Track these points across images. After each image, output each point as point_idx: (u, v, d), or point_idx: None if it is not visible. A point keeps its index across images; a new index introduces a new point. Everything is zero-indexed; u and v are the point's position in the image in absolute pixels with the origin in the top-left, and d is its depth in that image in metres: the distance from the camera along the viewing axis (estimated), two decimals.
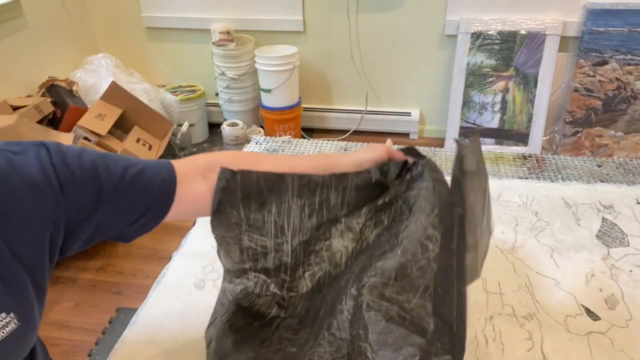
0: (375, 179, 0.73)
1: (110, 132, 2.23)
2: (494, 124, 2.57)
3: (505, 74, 2.48)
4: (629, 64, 2.35)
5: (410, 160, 0.76)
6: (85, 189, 0.55)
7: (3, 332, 0.50)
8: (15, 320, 0.51)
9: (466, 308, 0.57)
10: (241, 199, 0.68)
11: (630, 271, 0.89)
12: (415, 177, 0.73)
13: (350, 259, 0.71)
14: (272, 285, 0.71)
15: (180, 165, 0.66)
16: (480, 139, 2.62)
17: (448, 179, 0.66)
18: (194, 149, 2.79)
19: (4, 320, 0.50)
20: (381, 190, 0.74)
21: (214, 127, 2.93)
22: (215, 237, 0.70)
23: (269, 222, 0.70)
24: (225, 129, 2.62)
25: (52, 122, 2.20)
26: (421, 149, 1.30)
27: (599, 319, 0.80)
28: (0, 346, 0.50)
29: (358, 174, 0.73)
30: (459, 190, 0.61)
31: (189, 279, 0.90)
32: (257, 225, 0.70)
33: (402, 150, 0.78)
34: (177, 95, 2.71)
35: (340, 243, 0.72)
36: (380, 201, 0.73)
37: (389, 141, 0.84)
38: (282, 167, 0.71)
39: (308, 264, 0.72)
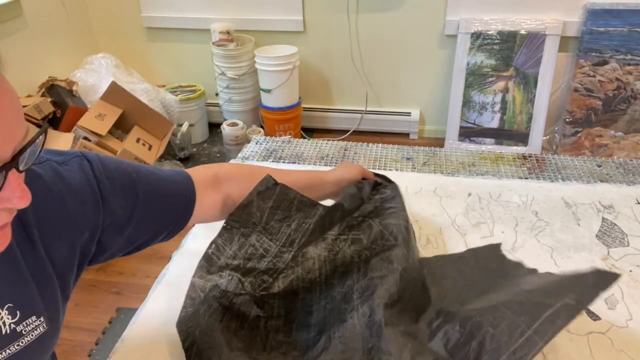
0: (350, 193, 0.84)
1: (110, 132, 2.23)
2: (494, 124, 2.57)
3: (505, 74, 2.48)
4: (629, 64, 2.35)
5: (379, 180, 0.90)
6: (123, 202, 0.58)
7: (32, 336, 0.51)
8: (44, 325, 0.52)
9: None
10: (270, 207, 0.76)
11: (630, 271, 0.89)
12: (385, 199, 0.86)
13: (324, 266, 0.77)
14: (247, 284, 0.73)
15: (195, 177, 0.70)
16: (481, 138, 2.64)
17: (450, 179, 0.68)
18: (194, 149, 2.79)
19: (33, 323, 0.51)
20: (354, 206, 0.84)
21: (214, 127, 2.93)
22: (224, 226, 0.75)
23: (284, 233, 0.77)
24: (225, 129, 2.62)
25: (52, 122, 2.20)
26: (421, 149, 1.30)
27: (599, 319, 0.80)
28: (27, 349, 0.51)
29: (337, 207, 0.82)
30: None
31: (188, 279, 0.90)
32: (271, 232, 0.76)
33: (374, 173, 0.92)
34: (177, 95, 2.71)
35: (315, 251, 0.78)
36: (355, 215, 0.83)
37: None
38: (284, 180, 0.78)
39: (285, 266, 0.76)
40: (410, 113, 2.79)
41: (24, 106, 2.07)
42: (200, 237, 1.01)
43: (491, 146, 2.59)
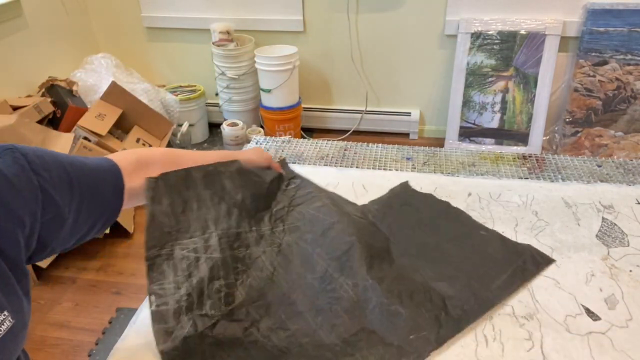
0: (270, 179, 0.90)
1: (110, 132, 2.23)
2: (494, 124, 2.57)
3: (505, 74, 2.48)
4: (629, 64, 2.35)
5: (283, 172, 0.97)
6: (62, 195, 0.58)
7: (0, 330, 0.51)
8: (10, 318, 0.52)
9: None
10: (168, 205, 0.74)
11: (630, 271, 0.89)
12: (299, 186, 0.94)
13: (274, 259, 0.81)
14: (208, 308, 0.71)
15: (119, 162, 0.69)
16: (481, 138, 2.64)
17: (450, 179, 0.69)
18: (194, 149, 2.79)
19: None
20: (268, 197, 0.89)
21: (214, 127, 2.93)
22: (147, 265, 0.72)
23: (193, 219, 0.76)
24: (225, 129, 2.62)
25: (52, 122, 2.20)
26: (421, 149, 1.30)
27: (599, 319, 0.80)
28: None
29: (234, 163, 0.85)
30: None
31: None
32: (185, 228, 0.75)
33: (279, 162, 0.99)
34: (177, 95, 2.71)
35: (259, 250, 0.80)
36: (276, 208, 0.88)
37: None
38: (197, 162, 0.80)
39: (236, 273, 0.76)
40: (410, 113, 2.79)
41: (23, 106, 2.07)
42: None
43: (491, 146, 2.59)
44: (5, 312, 0.52)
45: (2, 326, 0.51)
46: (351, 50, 2.67)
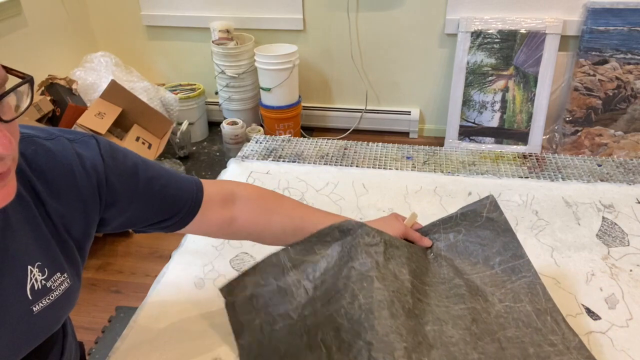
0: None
1: (109, 131, 2.23)
2: (494, 123, 2.56)
3: (505, 73, 2.48)
4: (629, 63, 2.35)
5: (428, 244, 0.82)
6: (125, 184, 0.62)
7: (59, 291, 0.57)
8: (68, 280, 0.58)
9: None
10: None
11: (631, 270, 0.89)
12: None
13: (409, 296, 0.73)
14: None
15: (208, 186, 0.72)
16: (480, 137, 2.63)
17: (450, 178, 0.67)
18: (194, 148, 2.79)
19: (59, 279, 0.57)
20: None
21: (213, 126, 2.93)
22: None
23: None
24: (225, 127, 2.62)
25: (52, 120, 2.20)
26: (421, 148, 1.30)
27: (599, 318, 0.80)
28: (56, 303, 0.56)
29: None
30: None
31: (188, 278, 0.90)
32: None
33: (420, 230, 0.83)
34: (176, 94, 2.71)
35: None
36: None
37: (410, 217, 0.84)
38: (294, 213, 0.76)
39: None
40: (410, 112, 2.78)
41: None
42: (200, 237, 1.00)
43: (491, 145, 2.59)
44: (65, 274, 0.57)
45: (62, 286, 0.57)
46: (351, 49, 2.67)
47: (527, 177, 1.17)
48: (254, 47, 2.58)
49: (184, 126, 2.65)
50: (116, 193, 0.61)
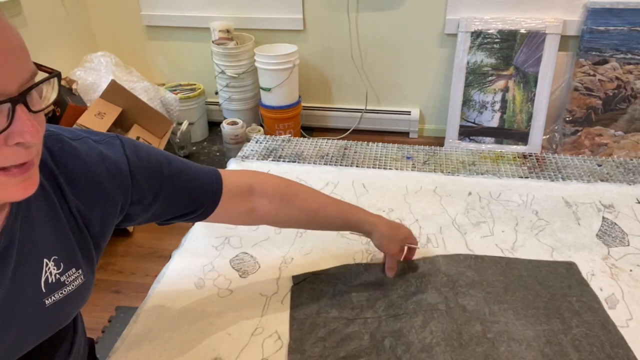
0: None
1: (109, 131, 2.23)
2: (494, 123, 2.56)
3: (505, 73, 2.48)
4: (629, 63, 2.35)
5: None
6: (150, 182, 0.64)
7: (73, 286, 0.58)
8: (82, 277, 0.59)
9: None
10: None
11: (631, 270, 0.89)
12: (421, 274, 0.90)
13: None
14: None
15: (227, 178, 0.74)
16: (480, 137, 2.63)
17: (450, 178, 0.68)
18: (194, 148, 2.79)
19: (74, 275, 0.58)
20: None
21: (213, 126, 2.93)
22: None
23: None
24: (225, 127, 2.62)
25: (52, 120, 2.20)
26: (421, 148, 1.30)
27: None
28: (68, 297, 0.58)
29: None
30: None
31: (188, 278, 0.90)
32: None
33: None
34: (176, 94, 2.71)
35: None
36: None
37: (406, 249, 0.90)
38: (312, 205, 0.81)
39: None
40: (410, 112, 2.78)
41: None
42: (200, 237, 1.01)
43: (491, 145, 2.59)
44: (80, 270, 0.59)
45: (75, 282, 0.58)
46: (351, 48, 2.67)
47: (527, 177, 1.17)
48: (254, 47, 2.58)
49: (184, 126, 2.65)
50: (141, 190, 0.63)
